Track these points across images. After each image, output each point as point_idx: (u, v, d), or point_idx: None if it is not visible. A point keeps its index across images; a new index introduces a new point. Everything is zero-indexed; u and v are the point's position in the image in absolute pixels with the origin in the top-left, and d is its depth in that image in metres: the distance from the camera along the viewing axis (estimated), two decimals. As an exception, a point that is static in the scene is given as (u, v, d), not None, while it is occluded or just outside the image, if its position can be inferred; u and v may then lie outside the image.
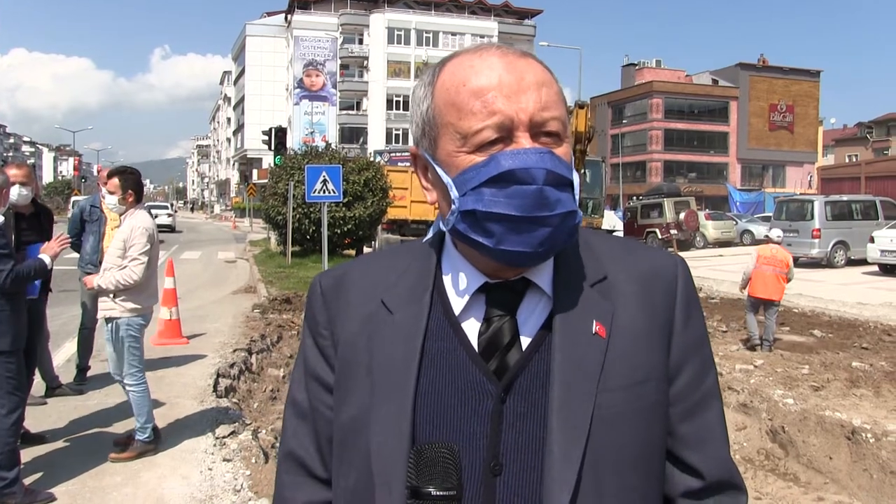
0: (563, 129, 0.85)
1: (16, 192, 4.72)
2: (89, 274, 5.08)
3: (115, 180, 4.51)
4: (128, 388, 4.45)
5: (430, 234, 0.98)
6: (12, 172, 4.78)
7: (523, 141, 0.82)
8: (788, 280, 8.79)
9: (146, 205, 4.77)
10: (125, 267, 4.34)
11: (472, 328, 0.89)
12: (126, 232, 4.41)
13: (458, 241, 0.90)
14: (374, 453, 0.85)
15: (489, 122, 0.82)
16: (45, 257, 4.07)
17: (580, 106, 15.89)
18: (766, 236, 9.87)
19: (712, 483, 0.92)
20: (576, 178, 0.85)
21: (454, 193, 0.85)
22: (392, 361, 0.88)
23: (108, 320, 4.42)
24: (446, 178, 0.86)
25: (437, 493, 0.79)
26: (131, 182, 4.53)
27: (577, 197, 0.85)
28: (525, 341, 0.87)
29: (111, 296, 4.37)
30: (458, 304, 0.90)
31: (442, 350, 0.88)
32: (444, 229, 0.90)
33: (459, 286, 0.90)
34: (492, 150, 0.83)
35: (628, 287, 0.91)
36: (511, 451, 0.84)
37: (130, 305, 4.40)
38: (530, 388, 0.85)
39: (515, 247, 0.82)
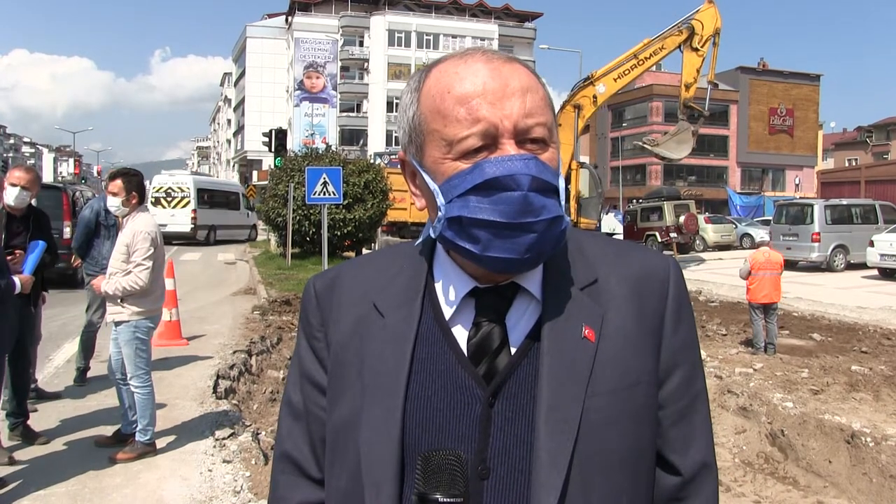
0: (548, 134, 0.85)
1: (13, 195, 4.72)
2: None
3: (119, 182, 4.50)
4: (133, 389, 4.44)
5: (422, 237, 0.98)
6: (17, 175, 4.79)
7: (508, 148, 0.82)
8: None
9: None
10: (130, 272, 4.34)
11: (461, 333, 0.89)
12: (128, 236, 4.40)
13: (447, 247, 0.90)
14: (364, 456, 0.86)
15: (473, 129, 0.82)
16: (17, 281, 4.11)
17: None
18: (757, 243, 10.15)
19: (687, 479, 0.94)
20: (562, 183, 0.85)
21: (440, 200, 0.85)
22: (382, 365, 0.88)
23: (116, 323, 4.43)
24: (433, 185, 0.86)
25: (444, 499, 0.79)
26: (134, 184, 4.53)
27: (563, 203, 0.85)
28: (514, 346, 0.87)
29: (119, 299, 4.38)
30: (448, 308, 0.90)
31: (431, 354, 0.88)
32: (432, 236, 0.90)
33: (450, 291, 0.91)
34: (477, 157, 0.82)
35: (619, 290, 0.91)
36: (499, 454, 0.84)
37: (138, 308, 4.40)
38: (518, 392, 0.85)
39: (502, 253, 0.82)
